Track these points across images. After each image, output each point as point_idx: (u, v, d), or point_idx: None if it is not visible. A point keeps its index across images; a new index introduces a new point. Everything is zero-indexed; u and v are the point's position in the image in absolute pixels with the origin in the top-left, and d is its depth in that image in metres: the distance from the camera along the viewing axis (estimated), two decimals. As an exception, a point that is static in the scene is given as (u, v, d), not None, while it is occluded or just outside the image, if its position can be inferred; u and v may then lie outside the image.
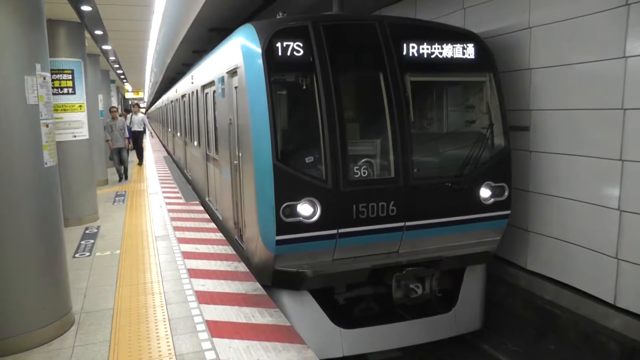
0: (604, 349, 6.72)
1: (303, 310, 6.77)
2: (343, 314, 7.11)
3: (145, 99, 60.24)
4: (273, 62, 6.42)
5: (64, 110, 10.22)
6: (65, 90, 10.27)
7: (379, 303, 7.38)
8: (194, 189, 14.48)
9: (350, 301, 7.28)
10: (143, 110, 72.60)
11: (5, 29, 4.83)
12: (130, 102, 49.31)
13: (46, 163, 5.19)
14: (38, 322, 5.09)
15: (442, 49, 7.20)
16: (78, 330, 5.43)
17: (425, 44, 7.10)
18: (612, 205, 6.66)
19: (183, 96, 16.56)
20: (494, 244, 7.57)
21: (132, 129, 19.32)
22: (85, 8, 9.70)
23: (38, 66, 5.10)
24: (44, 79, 5.22)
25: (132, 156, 20.26)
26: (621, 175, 6.51)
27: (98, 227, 10.10)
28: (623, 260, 6.59)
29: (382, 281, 6.98)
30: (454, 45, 7.27)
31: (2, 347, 4.87)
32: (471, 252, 7.33)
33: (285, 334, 5.15)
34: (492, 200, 7.30)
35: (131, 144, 18.28)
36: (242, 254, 7.67)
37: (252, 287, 6.47)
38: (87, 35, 11.71)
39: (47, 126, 5.23)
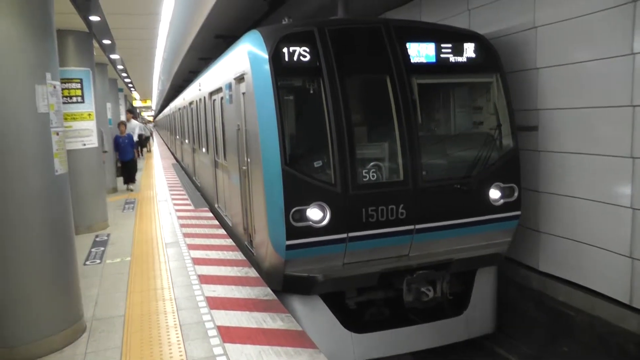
0: (620, 350, 6.66)
1: (314, 315, 6.76)
2: (354, 318, 7.10)
3: (153, 107, 60.53)
4: (280, 68, 6.44)
5: (74, 119, 10.26)
6: (74, 99, 10.33)
7: (390, 307, 7.36)
8: (202, 195, 14.50)
9: (361, 305, 7.26)
10: (150, 118, 73.01)
11: (17, 39, 4.87)
12: (137, 110, 49.48)
13: (57, 171, 5.21)
14: (50, 329, 5.11)
15: (447, 50, 7.21)
16: (90, 337, 5.44)
17: (431, 46, 7.11)
18: (624, 203, 6.62)
19: (191, 103, 16.62)
20: (505, 245, 7.54)
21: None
22: (94, 18, 9.78)
23: (48, 75, 5.14)
24: (54, 87, 5.25)
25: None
26: (632, 173, 6.46)
27: (108, 235, 10.14)
28: (638, 260, 6.54)
29: (393, 285, 6.97)
30: (460, 47, 7.27)
31: (15, 354, 4.88)
32: (482, 254, 7.31)
33: (297, 339, 5.14)
34: (501, 201, 7.27)
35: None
36: (252, 260, 7.67)
37: (263, 292, 6.46)
38: (96, 44, 11.78)
39: (57, 134, 5.26)
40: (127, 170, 16.27)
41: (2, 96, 4.79)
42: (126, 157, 15.97)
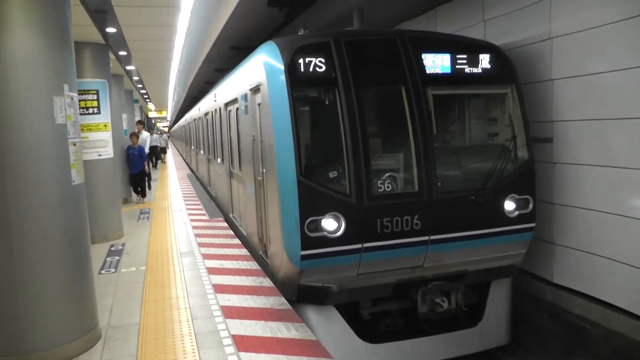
0: (636, 363, 6.59)
1: (329, 324, 6.76)
2: (369, 328, 7.09)
3: (168, 118, 60.93)
4: (296, 79, 6.48)
5: (90, 129, 10.37)
6: (90, 110, 10.44)
7: (405, 318, 7.34)
8: (217, 205, 14.56)
9: (375, 316, 7.25)
10: (165, 129, 73.31)
11: (36, 51, 4.96)
12: (153, 121, 49.74)
13: (74, 181, 5.28)
14: (66, 337, 5.16)
15: (463, 61, 7.21)
16: (105, 345, 5.48)
17: (446, 57, 7.12)
18: (640, 216, 6.57)
19: (206, 114, 16.72)
20: (520, 257, 7.49)
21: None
22: (110, 30, 9.89)
23: (66, 87, 5.21)
24: (72, 99, 5.33)
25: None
26: (649, 186, 6.42)
27: (123, 244, 10.20)
28: (653, 272, 6.48)
29: (408, 296, 6.95)
30: (475, 58, 7.27)
31: (32, 362, 4.93)
32: (496, 265, 7.27)
33: (311, 349, 5.14)
34: (516, 213, 7.24)
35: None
36: (267, 270, 7.69)
37: (278, 301, 6.47)
38: (112, 56, 11.91)
39: (74, 145, 5.33)
40: (136, 183, 16.01)
41: (21, 107, 4.87)
42: (136, 170, 15.70)
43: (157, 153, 28.99)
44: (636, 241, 6.65)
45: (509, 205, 7.21)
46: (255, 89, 7.54)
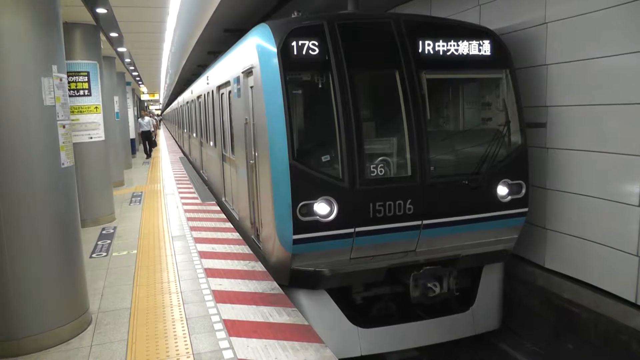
0: (625, 348, 6.63)
1: (320, 309, 6.75)
2: (361, 313, 7.09)
3: (161, 101, 60.60)
4: (288, 61, 6.41)
5: (80, 112, 10.27)
6: (81, 92, 10.33)
7: (397, 302, 7.34)
8: (210, 189, 14.51)
9: (368, 300, 7.25)
10: (158, 112, 72.78)
11: (23, 31, 4.86)
12: (145, 104, 49.34)
13: (63, 163, 5.21)
14: (56, 321, 5.12)
15: (457, 46, 7.16)
16: (95, 329, 5.45)
17: (440, 41, 7.06)
18: (632, 201, 6.57)
19: (198, 97, 16.61)
20: (512, 242, 7.50)
21: None
22: (101, 10, 9.77)
23: (54, 68, 5.13)
24: (61, 80, 5.25)
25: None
26: (641, 172, 6.42)
27: (115, 228, 10.15)
28: (644, 258, 6.50)
29: (400, 280, 6.95)
30: (470, 42, 7.22)
31: (21, 346, 4.90)
32: (488, 250, 7.27)
33: (303, 333, 5.13)
34: (509, 198, 7.24)
35: None
36: (259, 254, 7.67)
37: (270, 286, 6.46)
38: (103, 37, 11.78)
39: (63, 127, 5.26)
40: None
41: (8, 89, 4.79)
42: None
43: (151, 139, 28.33)
44: (626, 226, 6.66)
45: (502, 190, 7.20)
46: (248, 72, 7.47)
